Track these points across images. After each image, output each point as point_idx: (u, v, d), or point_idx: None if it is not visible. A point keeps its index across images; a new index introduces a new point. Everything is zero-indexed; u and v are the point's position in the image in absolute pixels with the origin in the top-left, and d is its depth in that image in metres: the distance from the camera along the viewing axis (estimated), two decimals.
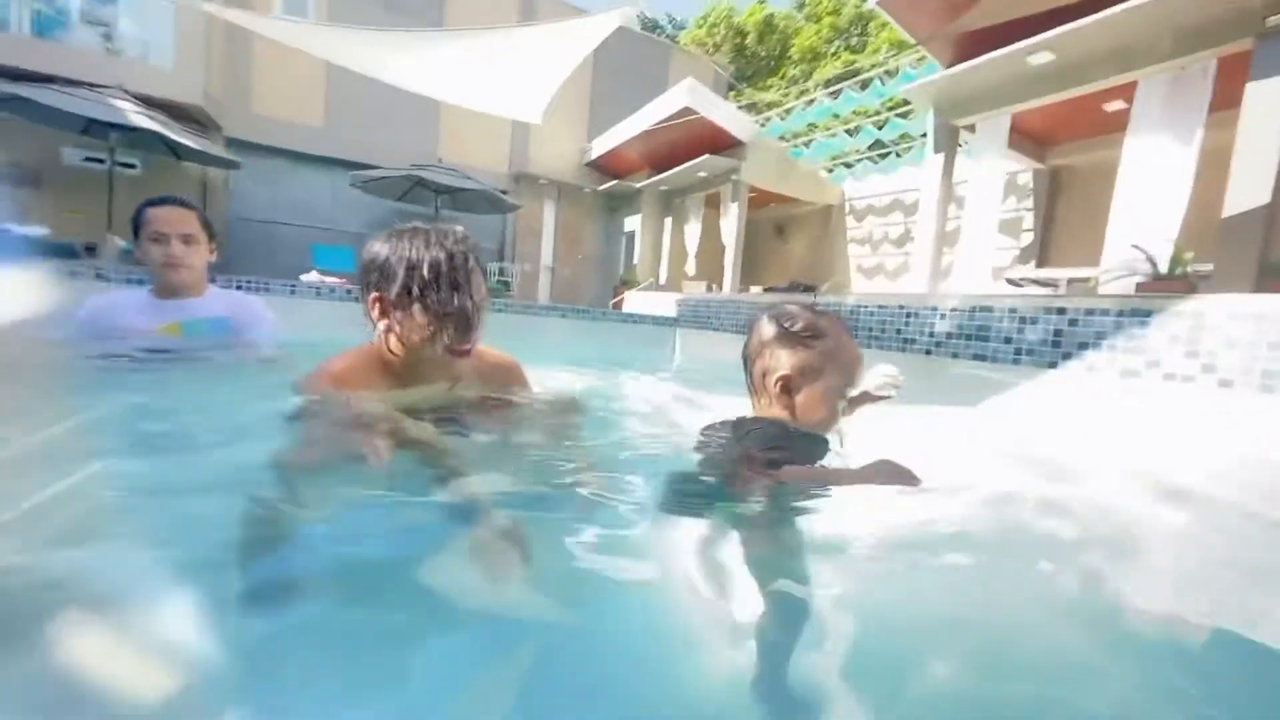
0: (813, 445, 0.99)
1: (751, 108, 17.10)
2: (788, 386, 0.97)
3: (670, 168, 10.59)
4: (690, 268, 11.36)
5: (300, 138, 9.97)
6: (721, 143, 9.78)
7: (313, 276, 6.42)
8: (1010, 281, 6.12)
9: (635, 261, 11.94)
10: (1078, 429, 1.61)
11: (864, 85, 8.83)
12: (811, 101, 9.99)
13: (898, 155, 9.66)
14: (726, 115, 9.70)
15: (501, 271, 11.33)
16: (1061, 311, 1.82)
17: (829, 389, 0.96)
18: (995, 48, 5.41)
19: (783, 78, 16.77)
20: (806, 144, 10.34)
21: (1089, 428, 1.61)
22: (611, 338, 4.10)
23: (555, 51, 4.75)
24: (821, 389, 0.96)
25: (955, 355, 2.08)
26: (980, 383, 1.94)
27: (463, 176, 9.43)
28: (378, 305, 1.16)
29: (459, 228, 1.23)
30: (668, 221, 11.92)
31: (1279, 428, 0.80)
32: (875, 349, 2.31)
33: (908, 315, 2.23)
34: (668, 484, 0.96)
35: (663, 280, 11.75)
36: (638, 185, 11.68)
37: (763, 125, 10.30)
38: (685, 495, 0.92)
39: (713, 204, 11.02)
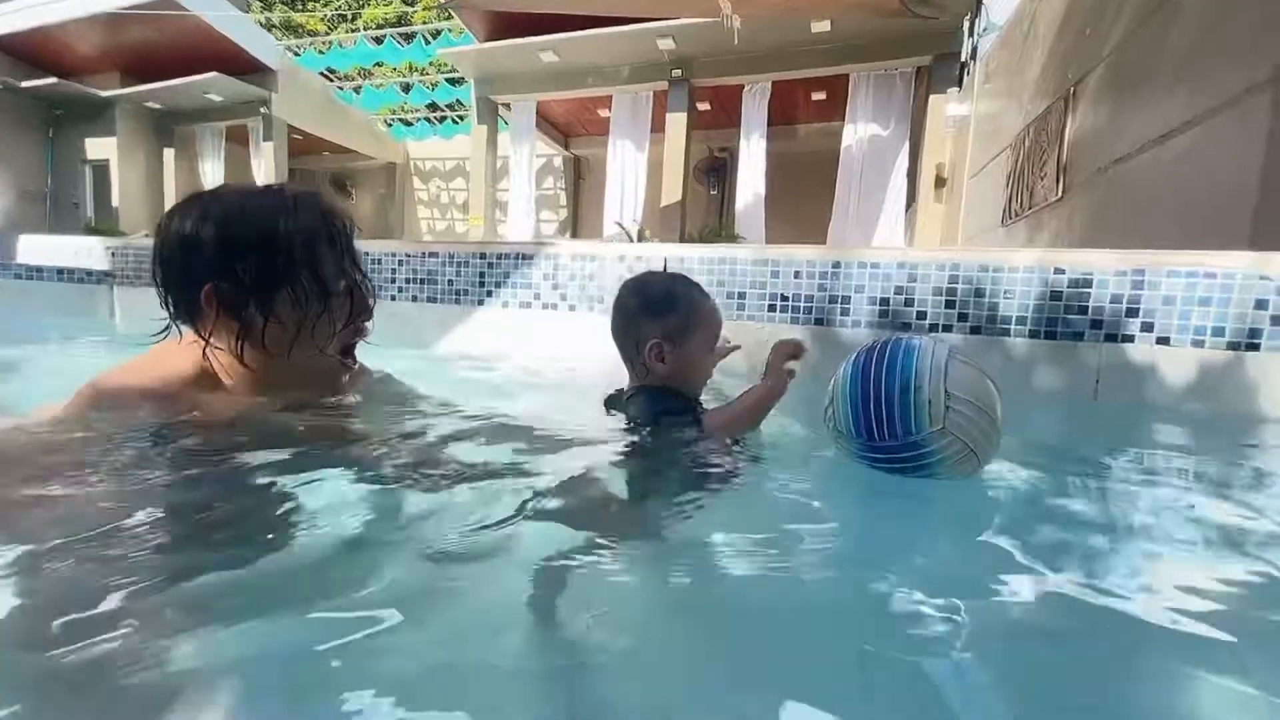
0: (689, 406, 1.08)
1: (290, 30, 14.29)
2: (661, 353, 1.05)
3: (160, 79, 7.86)
4: None
5: None
6: (239, 62, 7.83)
7: None
8: None
9: (116, 204, 8.54)
10: (501, 349, 2.17)
11: (408, 38, 8.59)
12: (354, 38, 9.10)
13: (455, 122, 9.92)
14: (241, 28, 7.80)
15: None
16: (483, 256, 2.25)
17: (697, 345, 1.07)
18: (521, 34, 6.07)
19: (326, 5, 14.49)
20: (357, 90, 9.43)
21: (508, 348, 2.18)
22: None
23: None
24: (691, 348, 1.06)
25: (414, 299, 2.30)
26: (433, 320, 2.22)
27: None
28: (213, 302, 0.79)
29: (313, 188, 0.93)
30: (168, 153, 8.94)
31: (600, 337, 1.21)
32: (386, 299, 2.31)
33: (398, 262, 2.34)
34: (637, 500, 0.88)
35: None
36: (104, 94, 8.24)
37: (297, 54, 8.79)
38: (669, 501, 0.85)
39: (239, 139, 8.84)
